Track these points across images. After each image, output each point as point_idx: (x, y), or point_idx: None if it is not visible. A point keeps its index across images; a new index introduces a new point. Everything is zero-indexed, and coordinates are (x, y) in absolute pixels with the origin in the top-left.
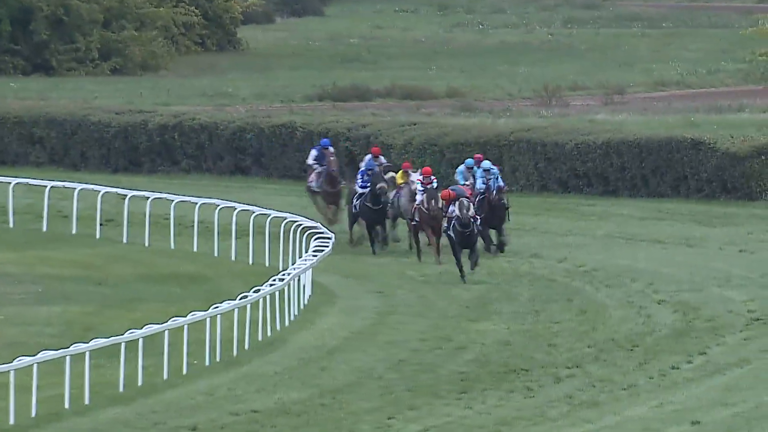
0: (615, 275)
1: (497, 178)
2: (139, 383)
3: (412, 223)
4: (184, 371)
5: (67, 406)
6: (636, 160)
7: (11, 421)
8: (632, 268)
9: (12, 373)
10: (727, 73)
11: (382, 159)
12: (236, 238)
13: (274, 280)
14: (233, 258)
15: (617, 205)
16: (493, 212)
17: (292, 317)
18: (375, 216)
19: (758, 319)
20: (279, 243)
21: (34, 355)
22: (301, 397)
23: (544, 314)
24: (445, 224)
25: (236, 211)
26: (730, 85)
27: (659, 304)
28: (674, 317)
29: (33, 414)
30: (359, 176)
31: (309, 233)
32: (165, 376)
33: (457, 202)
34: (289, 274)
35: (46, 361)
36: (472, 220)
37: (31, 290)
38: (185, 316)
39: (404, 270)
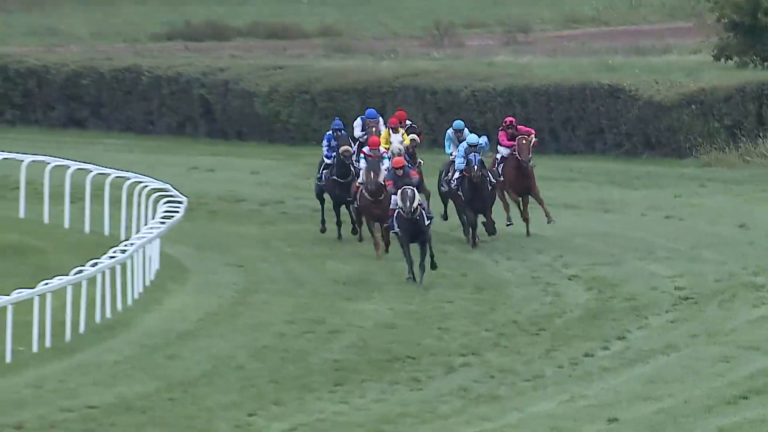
0: (518, 246)
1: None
2: None
3: (354, 206)
4: (7, 359)
5: None
6: (543, 110)
7: None
8: (538, 237)
9: None
10: (651, 8)
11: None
12: (70, 202)
13: (115, 251)
14: (66, 226)
15: None
16: (475, 193)
17: (135, 296)
18: (341, 192)
19: (687, 298)
20: (121, 208)
21: None
22: (146, 390)
23: (434, 292)
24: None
25: (70, 170)
26: (653, 22)
27: (570, 280)
28: (588, 296)
29: None
30: (325, 141)
31: (157, 196)
32: None
33: (399, 192)
34: (132, 245)
35: None
36: (421, 210)
37: None
38: (8, 295)
39: (269, 240)
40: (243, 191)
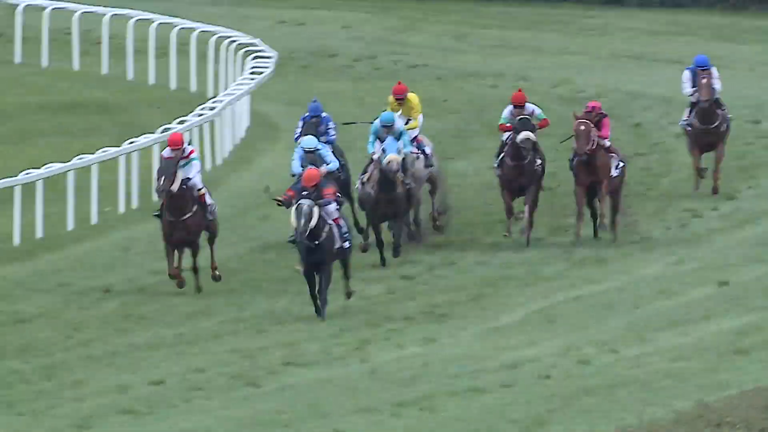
0: (621, 102)
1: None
2: (39, 235)
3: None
4: (94, 220)
5: None
6: None
7: None
8: (643, 93)
9: None
10: None
11: (533, 108)
12: (156, 57)
13: (203, 109)
14: (152, 82)
15: (624, 17)
16: (381, 191)
17: (225, 155)
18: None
19: None
20: (208, 63)
21: None
22: (237, 252)
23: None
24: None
25: (154, 24)
26: None
27: (676, 138)
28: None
29: None
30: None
31: (245, 51)
32: (70, 227)
33: (294, 208)
34: (221, 102)
35: None
36: (329, 230)
37: None
38: (93, 153)
39: (363, 97)
40: (334, 46)
